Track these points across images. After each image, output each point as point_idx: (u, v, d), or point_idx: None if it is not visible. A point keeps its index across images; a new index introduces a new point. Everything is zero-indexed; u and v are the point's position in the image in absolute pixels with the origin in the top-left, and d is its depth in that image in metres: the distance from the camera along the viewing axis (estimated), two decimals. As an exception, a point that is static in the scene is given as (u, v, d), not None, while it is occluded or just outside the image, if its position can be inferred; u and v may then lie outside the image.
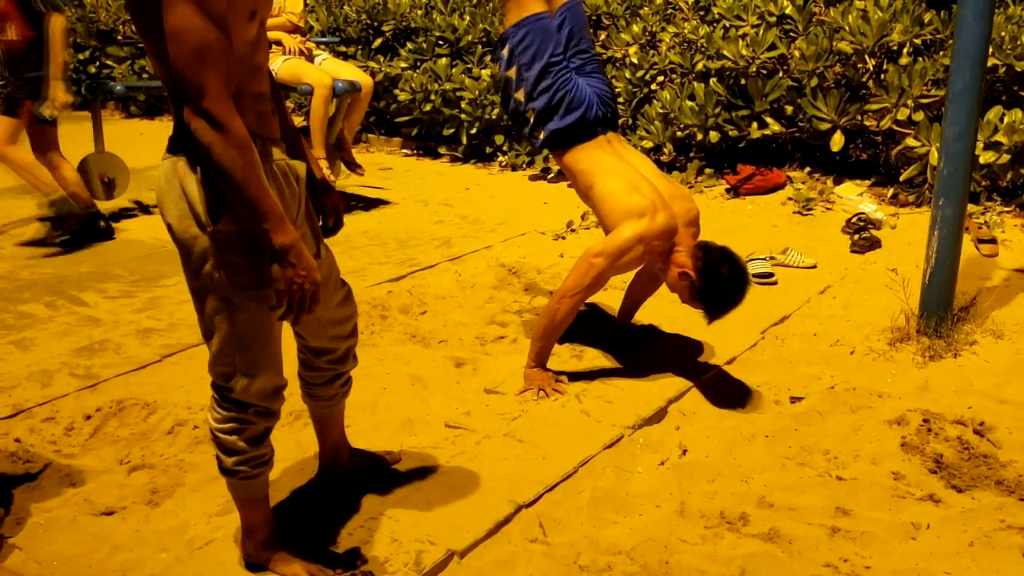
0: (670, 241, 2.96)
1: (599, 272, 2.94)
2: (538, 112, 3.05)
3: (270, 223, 1.73)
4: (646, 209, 2.91)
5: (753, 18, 5.81)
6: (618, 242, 2.92)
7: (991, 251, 4.52)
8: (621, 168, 3.05)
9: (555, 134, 3.07)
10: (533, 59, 2.99)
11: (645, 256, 2.98)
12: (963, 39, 3.22)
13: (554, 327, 3.04)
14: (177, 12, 1.58)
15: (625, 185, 2.98)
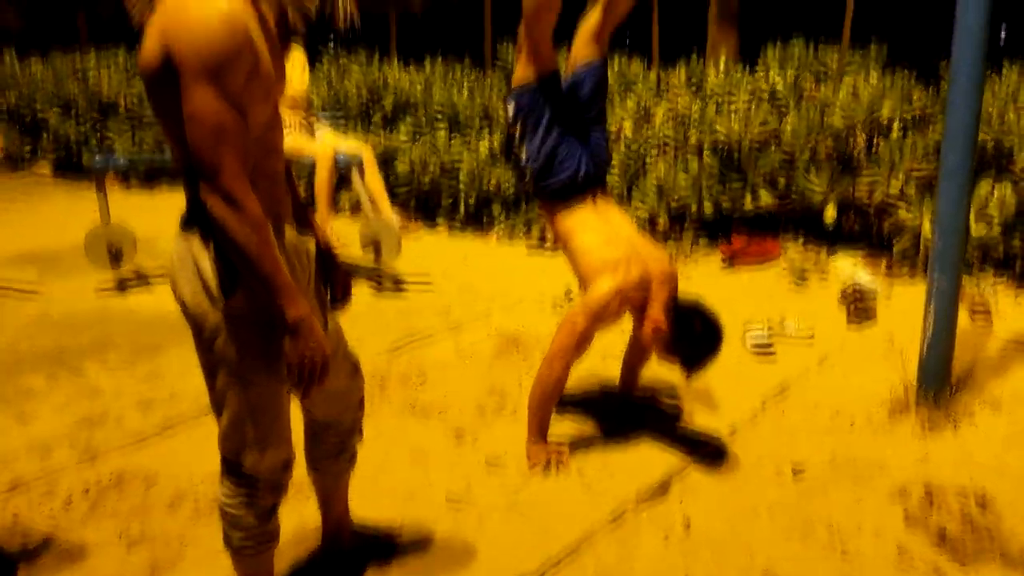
0: (645, 294, 3.01)
1: (583, 331, 2.97)
2: (535, 171, 3.10)
3: (283, 297, 1.76)
4: (620, 261, 2.97)
5: (744, 94, 5.95)
6: (596, 297, 2.96)
7: (986, 321, 4.57)
8: (598, 224, 3.11)
9: (545, 190, 3.13)
10: (538, 122, 3.04)
11: (623, 309, 3.03)
12: (953, 117, 3.30)
13: (548, 394, 3.06)
14: (196, 94, 1.63)
15: (600, 240, 3.05)
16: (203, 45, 1.62)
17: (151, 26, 1.69)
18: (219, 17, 1.63)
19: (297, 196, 2.08)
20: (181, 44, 1.62)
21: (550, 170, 3.07)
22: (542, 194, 3.15)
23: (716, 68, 6.31)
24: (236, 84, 1.67)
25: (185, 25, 1.63)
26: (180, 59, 1.63)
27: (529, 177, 3.12)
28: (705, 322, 2.94)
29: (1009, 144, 4.99)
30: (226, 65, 1.64)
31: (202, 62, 1.62)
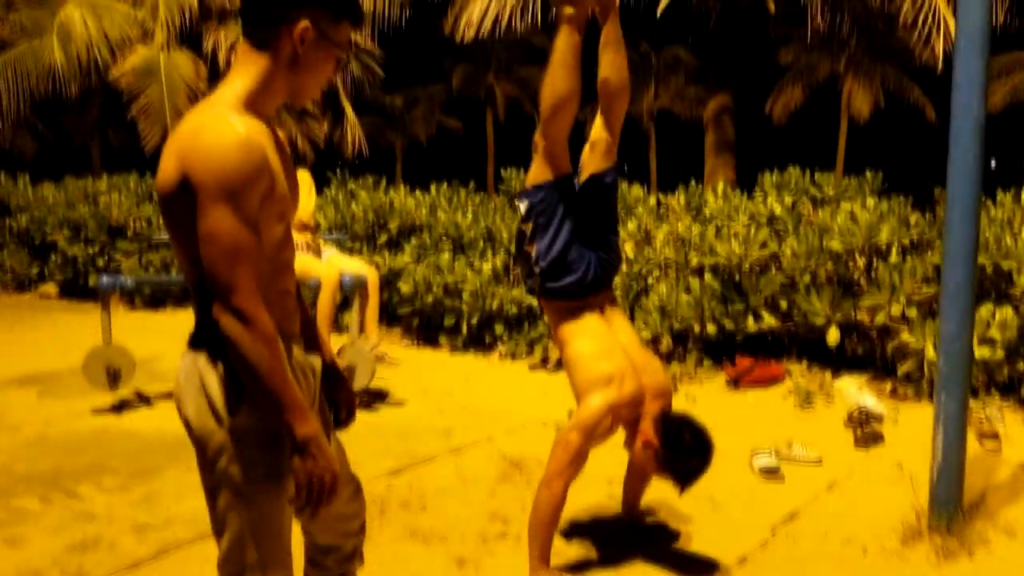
0: (637, 410, 2.99)
1: (577, 449, 2.93)
2: (544, 269, 3.09)
3: (292, 414, 1.75)
4: (613, 376, 2.94)
5: (744, 218, 6.06)
6: (588, 414, 2.93)
7: (995, 446, 4.50)
8: (599, 331, 3.08)
9: (552, 291, 3.12)
10: (550, 222, 3.04)
11: (616, 425, 3.00)
12: (953, 241, 3.35)
13: (548, 517, 2.98)
14: (212, 215, 1.67)
15: (597, 350, 3.02)
16: (219, 168, 1.66)
17: (168, 148, 1.74)
18: (235, 141, 1.68)
19: (306, 314, 2.08)
20: (198, 167, 1.66)
21: (559, 271, 3.06)
22: (548, 294, 3.13)
23: (715, 193, 6.44)
24: (251, 206, 1.70)
25: (202, 148, 1.67)
26: (197, 181, 1.66)
27: (537, 276, 3.11)
28: (695, 435, 2.93)
29: (1007, 268, 5.04)
30: (242, 188, 1.68)
31: (218, 184, 1.66)
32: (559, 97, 2.93)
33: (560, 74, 2.91)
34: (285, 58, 1.79)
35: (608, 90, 3.08)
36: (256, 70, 1.79)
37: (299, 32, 1.76)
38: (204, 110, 1.76)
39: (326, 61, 1.84)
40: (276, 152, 1.81)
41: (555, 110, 2.95)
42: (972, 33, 3.27)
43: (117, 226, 9.23)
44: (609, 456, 3.91)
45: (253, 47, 1.79)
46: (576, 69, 2.93)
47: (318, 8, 1.78)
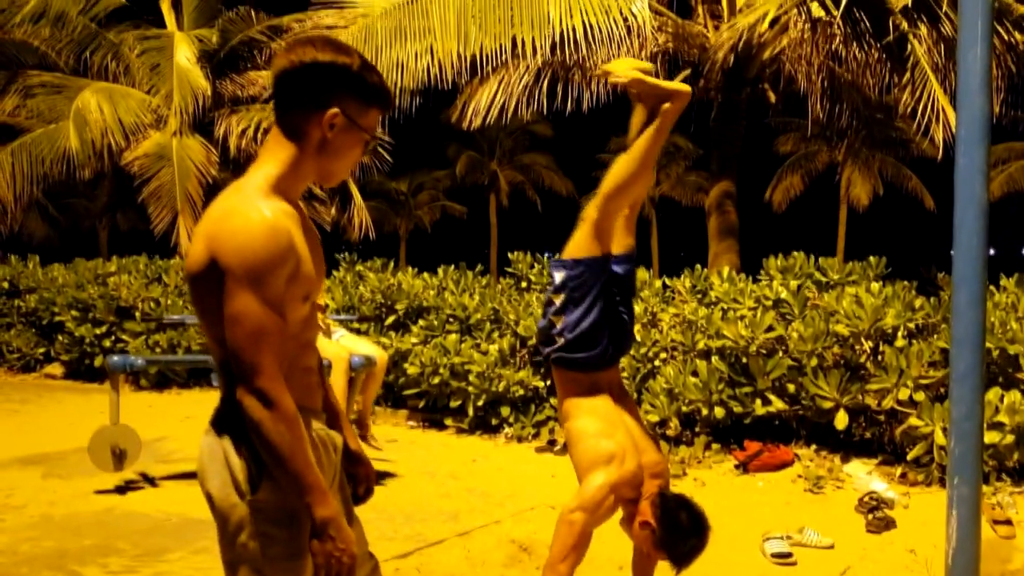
0: (637, 490, 2.98)
1: (581, 530, 2.91)
2: (568, 342, 3.09)
3: (312, 496, 1.76)
4: (615, 454, 2.93)
5: (750, 301, 6.11)
6: (590, 494, 2.91)
7: (1008, 533, 4.46)
8: (604, 408, 3.07)
9: (570, 362, 3.11)
10: (583, 297, 3.01)
11: (617, 503, 2.98)
12: (960, 325, 3.37)
13: None
14: (239, 299, 1.71)
15: (600, 428, 3.00)
16: (247, 253, 1.71)
17: (198, 232, 1.79)
18: (262, 226, 1.73)
19: (328, 391, 2.11)
20: (226, 250, 1.71)
21: (583, 344, 3.04)
22: (565, 364, 3.11)
23: (720, 276, 6.51)
24: (277, 289, 1.75)
25: (229, 232, 1.72)
26: (224, 264, 1.71)
27: (558, 346, 3.09)
28: (691, 515, 2.92)
29: (1014, 352, 5.06)
30: (268, 272, 1.72)
31: (244, 268, 1.70)
32: (631, 181, 2.99)
33: (642, 162, 2.99)
34: (315, 143, 1.85)
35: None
36: (286, 155, 1.85)
37: (328, 119, 1.83)
38: (233, 195, 1.81)
39: (355, 145, 1.90)
40: (303, 234, 1.86)
41: (621, 191, 2.99)
42: (973, 121, 3.35)
43: (125, 307, 9.29)
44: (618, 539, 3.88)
45: (284, 132, 1.86)
46: (655, 160, 3.06)
47: (348, 95, 1.85)
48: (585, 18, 7.34)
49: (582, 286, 3.04)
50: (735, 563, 4.06)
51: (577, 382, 3.11)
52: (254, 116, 12.70)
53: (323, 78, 1.82)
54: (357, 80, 1.84)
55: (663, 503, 2.95)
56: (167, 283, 9.69)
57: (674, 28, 8.78)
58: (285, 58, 1.83)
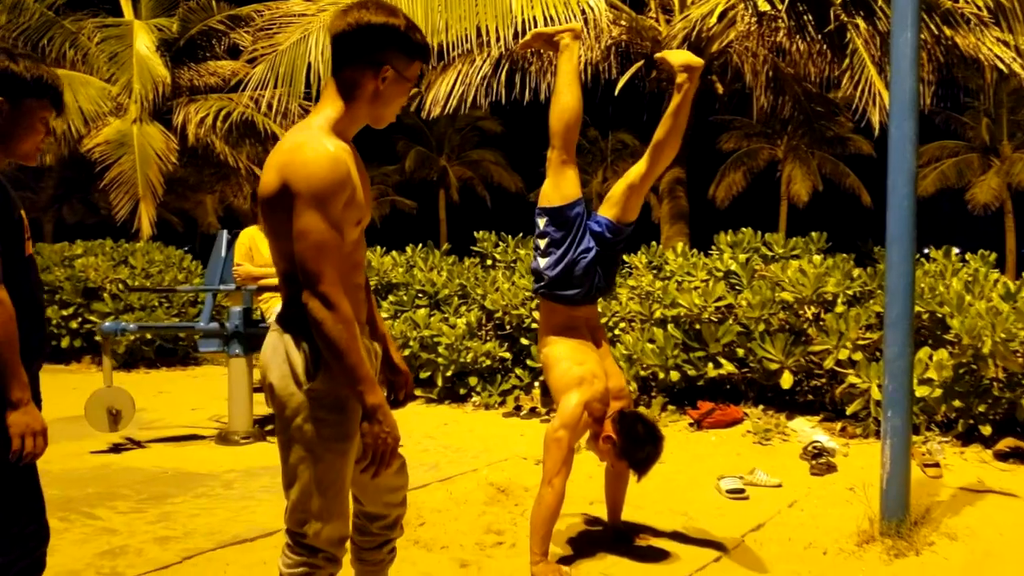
0: (605, 407, 3.48)
1: (567, 444, 3.38)
2: (552, 279, 3.53)
3: (364, 385, 2.10)
4: (585, 377, 3.44)
5: (702, 273, 6.55)
6: (569, 412, 3.39)
7: (936, 473, 4.95)
8: (576, 339, 3.56)
9: (555, 296, 3.56)
10: (563, 241, 3.50)
11: (591, 419, 3.46)
12: (893, 276, 3.84)
13: (552, 511, 3.36)
14: (305, 217, 2.04)
15: (572, 355, 3.51)
16: (314, 180, 2.04)
17: (270, 162, 2.12)
18: (327, 157, 2.07)
19: (372, 307, 2.45)
20: (297, 177, 2.05)
21: (565, 282, 3.52)
22: (552, 298, 3.57)
23: (674, 252, 6.95)
24: (337, 211, 2.08)
25: (299, 162, 2.06)
26: (295, 189, 2.04)
27: (545, 283, 3.55)
28: (647, 427, 3.43)
29: (941, 315, 5.57)
30: (330, 196, 2.06)
31: (312, 192, 2.04)
32: (566, 110, 3.48)
33: (568, 91, 3.49)
34: (369, 94, 2.19)
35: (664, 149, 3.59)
36: (343, 102, 2.19)
37: (381, 73, 2.17)
38: (300, 132, 2.14)
39: (402, 94, 2.25)
40: (357, 169, 2.20)
41: (564, 124, 3.48)
42: (903, 97, 3.83)
43: (93, 288, 9.42)
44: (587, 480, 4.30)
45: (340, 84, 2.20)
46: (578, 86, 3.52)
47: (396, 52, 2.18)
48: (545, 10, 7.71)
49: (560, 230, 3.50)
50: (695, 499, 4.48)
51: (557, 313, 3.58)
52: (213, 105, 12.85)
53: (376, 38, 2.15)
54: (404, 39, 2.18)
55: (622, 419, 3.44)
56: (134, 265, 9.84)
57: (628, 21, 9.20)
58: (343, 20, 2.16)
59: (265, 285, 5.66)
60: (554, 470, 3.34)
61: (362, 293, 2.33)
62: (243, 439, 5.68)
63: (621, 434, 3.40)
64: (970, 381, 5.37)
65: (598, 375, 3.48)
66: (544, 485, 3.36)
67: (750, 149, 34.27)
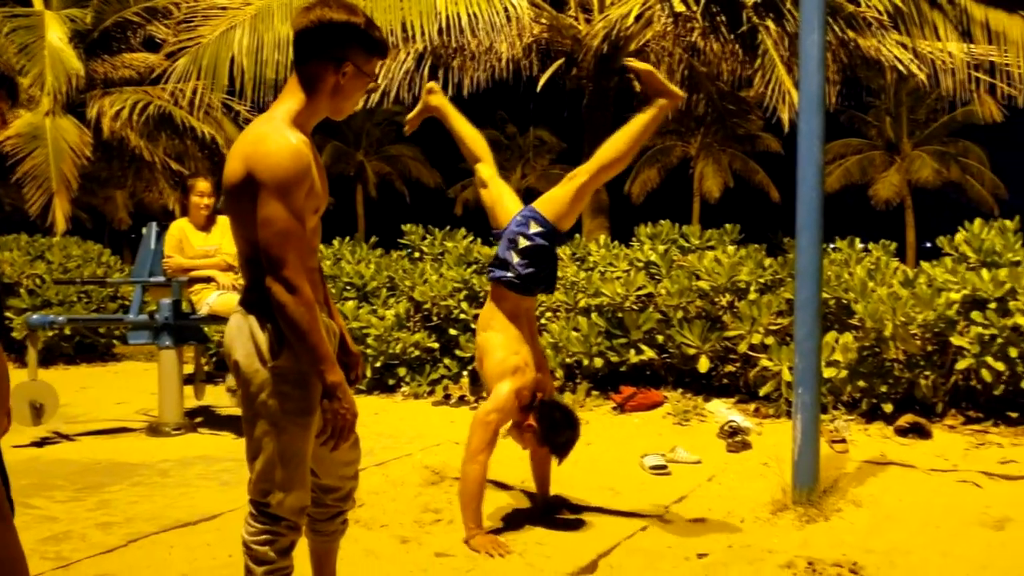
0: (532, 391, 3.71)
1: (495, 427, 3.64)
2: (517, 275, 3.73)
3: (325, 364, 2.25)
4: (519, 366, 3.71)
5: (624, 264, 6.82)
6: (501, 398, 3.64)
7: (843, 449, 5.29)
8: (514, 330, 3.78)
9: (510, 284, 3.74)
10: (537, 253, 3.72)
11: (518, 406, 3.68)
12: (802, 260, 4.13)
13: (476, 485, 3.59)
14: (269, 206, 2.18)
15: (507, 344, 3.74)
16: (278, 170, 2.17)
17: (234, 152, 2.25)
18: (290, 149, 2.20)
19: (325, 290, 2.59)
20: (261, 167, 2.18)
21: (524, 278, 3.73)
22: (505, 285, 3.76)
23: (597, 244, 7.21)
24: (299, 200, 2.22)
25: (264, 154, 2.19)
26: (260, 179, 2.17)
27: (510, 277, 3.73)
28: (564, 413, 3.72)
29: (847, 301, 5.94)
30: (293, 185, 2.20)
31: (276, 183, 2.17)
32: (618, 161, 3.74)
33: (632, 148, 3.73)
34: (329, 88, 2.33)
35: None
36: (305, 95, 2.32)
37: (342, 68, 2.31)
38: (264, 123, 2.27)
39: (361, 89, 2.39)
40: (315, 159, 2.33)
41: (613, 163, 3.74)
42: (811, 94, 4.12)
43: (9, 283, 9.22)
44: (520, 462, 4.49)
45: (302, 78, 2.33)
46: (641, 145, 3.83)
47: (356, 48, 2.32)
48: (468, 6, 7.88)
49: (540, 246, 3.73)
50: (620, 476, 4.71)
51: (508, 300, 3.79)
52: (128, 98, 12.62)
53: (337, 34, 2.29)
54: (364, 36, 2.33)
55: (541, 408, 3.69)
56: (51, 260, 9.65)
57: (549, 19, 9.43)
58: (305, 17, 2.30)
59: (196, 277, 5.69)
60: (479, 448, 3.58)
61: (317, 276, 2.47)
62: (174, 430, 5.70)
63: (541, 422, 3.66)
64: (873, 363, 5.75)
65: (530, 365, 3.74)
66: (469, 463, 3.60)
67: (664, 146, 35.03)
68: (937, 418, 5.73)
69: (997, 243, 5.88)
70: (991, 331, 5.38)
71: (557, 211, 3.75)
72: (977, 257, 5.92)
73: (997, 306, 5.45)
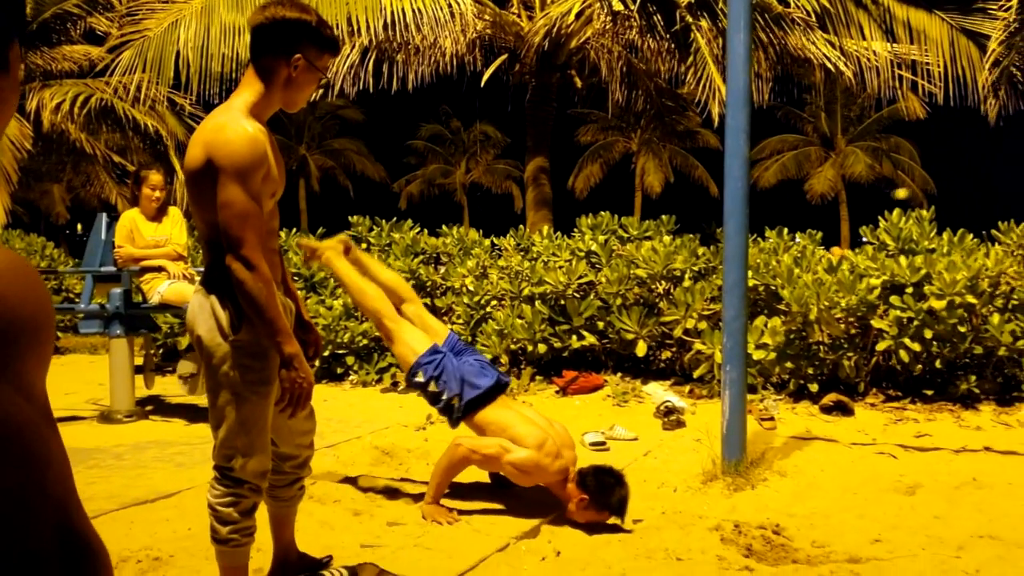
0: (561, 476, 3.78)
1: (494, 459, 3.76)
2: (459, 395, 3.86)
3: (282, 337, 2.43)
4: (550, 452, 3.74)
5: (566, 254, 7.07)
6: (522, 458, 3.70)
7: (771, 426, 5.61)
8: (529, 420, 3.89)
9: (472, 403, 3.86)
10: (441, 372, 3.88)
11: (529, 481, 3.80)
12: (729, 246, 4.41)
13: (454, 468, 3.79)
14: (229, 189, 2.36)
15: (537, 432, 3.79)
16: (236, 157, 2.36)
17: (195, 139, 2.42)
18: (247, 137, 2.39)
19: (284, 270, 2.77)
20: (220, 154, 2.36)
21: (467, 389, 3.85)
22: (470, 409, 3.86)
23: (540, 235, 7.45)
24: (256, 184, 2.41)
25: (224, 141, 2.37)
26: (219, 165, 2.35)
27: (458, 404, 3.86)
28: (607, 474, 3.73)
29: (775, 287, 6.26)
30: (251, 170, 2.38)
31: (235, 167, 2.35)
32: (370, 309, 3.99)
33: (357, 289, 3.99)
34: (282, 80, 2.51)
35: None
36: (260, 87, 2.50)
37: (293, 62, 2.50)
38: (222, 113, 2.45)
39: (312, 82, 2.58)
40: (271, 147, 2.52)
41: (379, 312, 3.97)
42: (737, 91, 4.40)
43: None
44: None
45: (258, 71, 2.51)
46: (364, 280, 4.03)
47: (308, 44, 2.51)
48: (414, 2, 8.06)
49: (436, 368, 3.88)
50: (562, 453, 4.95)
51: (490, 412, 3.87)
52: (69, 91, 12.50)
53: (289, 31, 2.48)
54: (315, 33, 2.52)
55: (582, 479, 3.71)
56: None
57: (492, 16, 9.64)
58: (261, 14, 2.48)
59: (147, 266, 5.79)
60: (476, 450, 3.77)
61: (276, 257, 2.65)
62: (126, 417, 5.80)
63: (590, 491, 3.66)
64: (800, 345, 6.09)
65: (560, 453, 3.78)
66: (464, 447, 3.78)
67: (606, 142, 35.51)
68: (859, 396, 6.09)
69: (914, 232, 6.26)
70: (908, 314, 5.74)
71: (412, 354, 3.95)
72: (896, 245, 6.30)
73: (914, 291, 5.81)
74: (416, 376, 3.91)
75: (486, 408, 3.86)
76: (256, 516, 2.63)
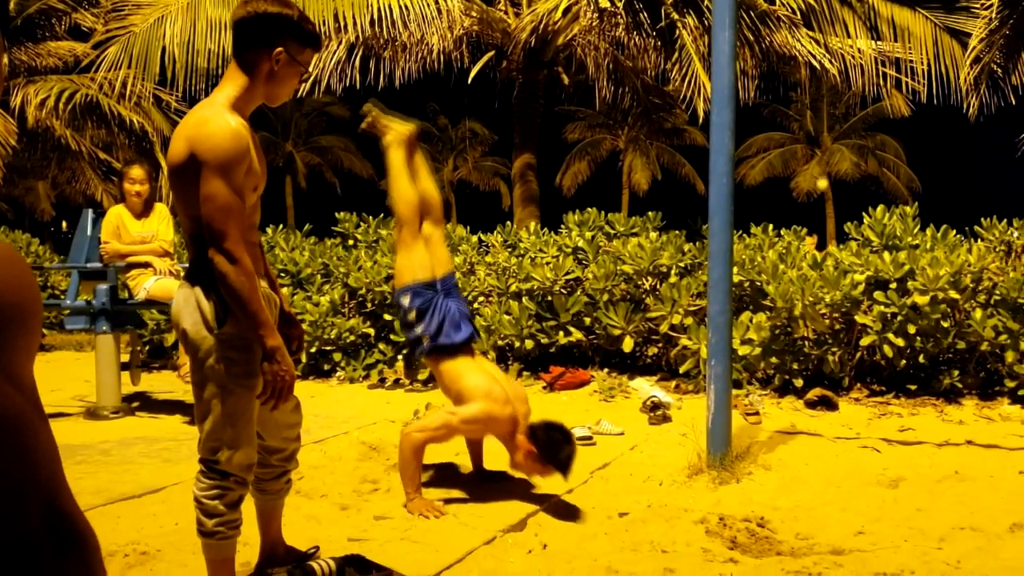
0: (510, 426, 3.86)
1: (446, 428, 3.85)
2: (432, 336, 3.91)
3: (264, 330, 2.44)
4: (498, 399, 3.83)
5: (553, 250, 7.09)
6: (471, 412, 3.81)
7: (756, 420, 5.65)
8: (482, 370, 3.97)
9: (440, 349, 3.92)
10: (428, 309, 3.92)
11: (483, 431, 3.91)
12: (714, 242, 4.44)
13: (414, 459, 3.81)
14: (212, 183, 2.37)
15: (486, 381, 3.89)
16: (219, 151, 2.37)
17: (178, 133, 2.43)
18: (230, 131, 2.40)
19: (267, 265, 2.78)
20: (203, 148, 2.37)
21: (441, 335, 3.91)
22: (436, 351, 3.94)
23: (528, 231, 7.47)
24: (239, 178, 2.42)
25: (207, 135, 2.38)
26: (202, 158, 2.36)
27: (427, 343, 3.92)
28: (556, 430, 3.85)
29: (760, 283, 6.30)
30: (233, 164, 2.39)
31: (217, 162, 2.36)
32: (408, 202, 3.91)
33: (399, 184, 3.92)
34: (264, 74, 2.52)
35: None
36: (242, 82, 2.51)
37: (275, 56, 2.51)
38: (205, 108, 2.46)
39: (294, 76, 2.59)
40: (253, 141, 2.53)
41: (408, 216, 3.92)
42: (722, 88, 4.42)
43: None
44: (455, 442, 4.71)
45: (240, 65, 2.52)
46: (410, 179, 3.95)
47: (289, 38, 2.53)
48: (400, 0, 8.07)
49: (425, 303, 3.92)
50: (548, 447, 4.98)
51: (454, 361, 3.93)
52: (54, 86, 12.44)
53: (271, 25, 2.49)
54: (296, 27, 2.53)
55: (533, 431, 3.81)
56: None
57: (479, 13, 9.65)
58: (243, 9, 2.49)
59: (133, 262, 5.78)
60: (425, 428, 3.85)
61: (258, 250, 2.66)
62: (112, 414, 5.79)
63: (538, 445, 3.75)
64: (785, 340, 6.13)
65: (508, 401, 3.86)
66: (414, 431, 3.84)
67: (594, 139, 35.55)
68: (844, 391, 6.13)
69: (898, 228, 6.31)
70: (892, 309, 5.79)
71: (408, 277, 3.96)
72: (880, 241, 6.35)
73: (897, 286, 5.86)
74: (403, 297, 3.96)
75: (448, 357, 3.94)
76: (243, 510, 2.64)
